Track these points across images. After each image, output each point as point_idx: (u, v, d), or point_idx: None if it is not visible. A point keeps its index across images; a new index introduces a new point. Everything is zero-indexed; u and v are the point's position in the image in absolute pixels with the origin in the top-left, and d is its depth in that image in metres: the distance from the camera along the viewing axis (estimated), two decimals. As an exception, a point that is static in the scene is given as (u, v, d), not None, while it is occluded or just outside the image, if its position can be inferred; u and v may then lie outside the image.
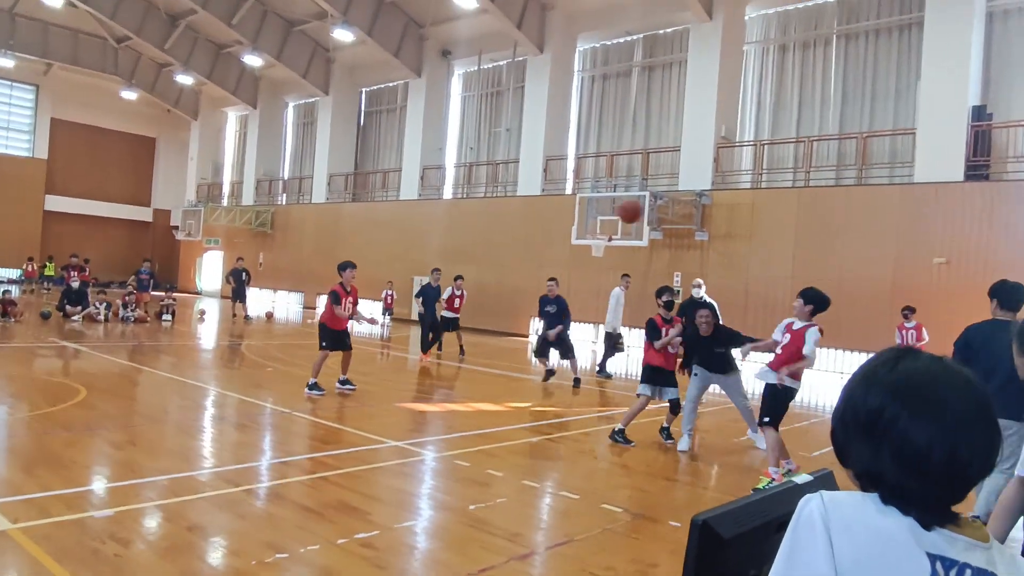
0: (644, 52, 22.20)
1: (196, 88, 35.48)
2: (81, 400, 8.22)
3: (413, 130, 26.86)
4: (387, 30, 25.47)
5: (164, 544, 4.27)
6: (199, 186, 36.95)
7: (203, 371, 11.90)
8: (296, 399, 9.27)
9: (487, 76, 26.00)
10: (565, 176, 22.98)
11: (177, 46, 30.56)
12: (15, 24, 30.97)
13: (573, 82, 23.44)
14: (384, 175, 29.00)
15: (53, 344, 13.37)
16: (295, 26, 28.50)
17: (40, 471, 5.46)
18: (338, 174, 30.10)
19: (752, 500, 1.51)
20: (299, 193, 32.40)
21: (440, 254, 25.07)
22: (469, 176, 26.03)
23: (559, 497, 5.84)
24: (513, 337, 21.61)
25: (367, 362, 13.89)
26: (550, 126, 22.73)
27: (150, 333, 16.43)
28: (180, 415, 8.30)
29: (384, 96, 29.92)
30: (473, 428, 8.12)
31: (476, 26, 24.72)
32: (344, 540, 4.46)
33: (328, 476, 5.86)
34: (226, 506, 5.01)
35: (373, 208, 28.10)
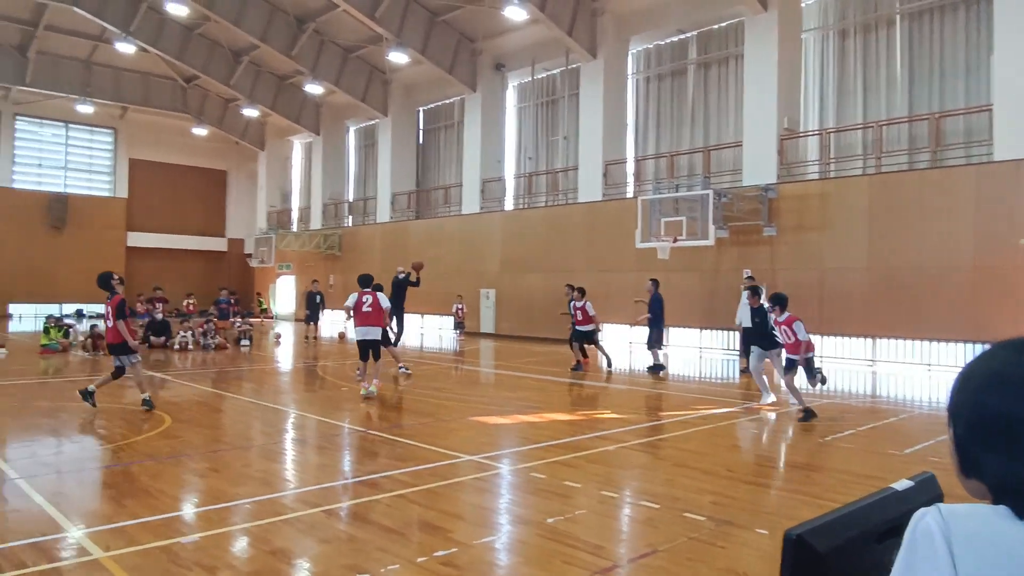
0: (698, 49, 21.81)
1: (261, 120, 36.71)
2: (166, 429, 8.50)
3: (471, 144, 27.08)
4: (440, 48, 25.79)
5: (249, 569, 4.33)
6: (269, 214, 38.15)
7: (282, 394, 12.19)
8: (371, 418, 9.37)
9: (541, 85, 26.02)
10: (625, 180, 22.73)
11: (241, 81, 31.71)
12: (92, 72, 32.76)
13: (628, 85, 23.22)
14: (445, 190, 29.31)
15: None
16: (351, 52, 29.17)
17: (128, 500, 5.64)
18: (401, 192, 30.58)
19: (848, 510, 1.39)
20: (364, 214, 33.06)
21: (505, 265, 25.15)
22: (529, 186, 26.05)
23: (639, 507, 5.69)
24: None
25: (440, 376, 13.98)
26: (607, 130, 22.55)
27: (230, 359, 16.96)
28: (261, 439, 8.49)
29: (441, 113, 30.29)
30: (547, 439, 8.02)
31: (527, 37, 24.80)
32: (424, 559, 4.43)
33: (406, 494, 5.86)
34: (308, 529, 5.06)
35: (437, 224, 28.42)
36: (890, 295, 16.11)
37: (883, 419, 9.83)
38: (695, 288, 19.03)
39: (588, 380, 13.76)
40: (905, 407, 11.17)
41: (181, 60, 30.44)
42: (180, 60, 30.45)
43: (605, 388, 12.98)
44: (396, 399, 11.06)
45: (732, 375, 14.81)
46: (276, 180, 38.73)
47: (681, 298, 18.94)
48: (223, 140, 38.58)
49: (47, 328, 18.04)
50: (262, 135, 38.08)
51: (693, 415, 9.83)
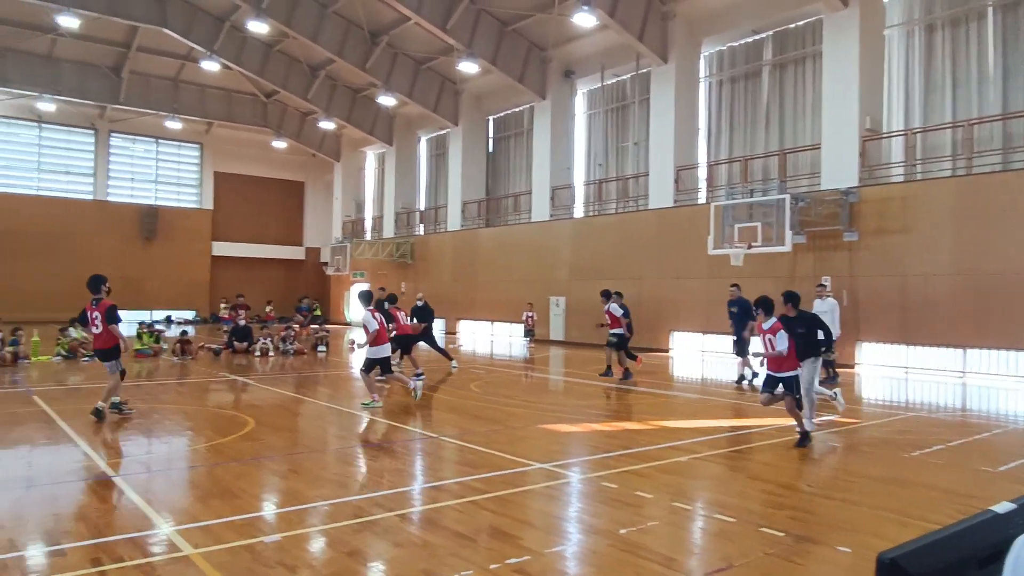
0: (774, 49, 21.31)
1: (337, 132, 37.83)
2: (248, 431, 8.83)
3: (541, 152, 27.17)
4: (510, 57, 26.02)
5: (327, 571, 4.46)
6: (344, 223, 39.20)
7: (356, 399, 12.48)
8: (443, 424, 9.50)
9: (611, 91, 25.90)
10: (697, 185, 22.38)
11: (318, 95, 32.76)
12: (179, 90, 34.46)
13: (700, 88, 22.88)
14: (515, 198, 29.49)
15: (223, 379, 14.51)
16: (423, 64, 29.73)
17: (214, 500, 5.89)
18: (471, 201, 30.93)
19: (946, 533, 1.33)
20: (435, 222, 33.58)
21: (574, 272, 25.10)
22: (599, 193, 25.94)
23: (713, 519, 5.59)
24: (655, 352, 21.14)
25: (510, 384, 14.05)
26: (679, 135, 22.26)
27: (308, 364, 17.48)
28: (337, 443, 8.72)
29: (511, 121, 30.51)
30: (618, 448, 7.97)
31: (597, 43, 24.75)
32: (496, 566, 4.47)
33: (478, 500, 5.93)
34: (382, 532, 5.18)
35: (507, 232, 28.61)
36: (980, 303, 15.33)
37: (974, 434, 9.35)
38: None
39: (659, 389, 13.58)
40: (999, 421, 10.60)
41: (262, 76, 31.68)
42: (261, 76, 31.69)
43: (677, 397, 12.79)
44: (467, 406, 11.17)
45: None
46: (351, 190, 39.77)
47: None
48: (301, 152, 39.91)
49: (140, 334, 19.02)
50: (337, 147, 39.20)
51: (769, 426, 9.58)
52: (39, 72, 31.07)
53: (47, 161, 34.75)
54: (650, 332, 22.05)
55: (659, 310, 21.84)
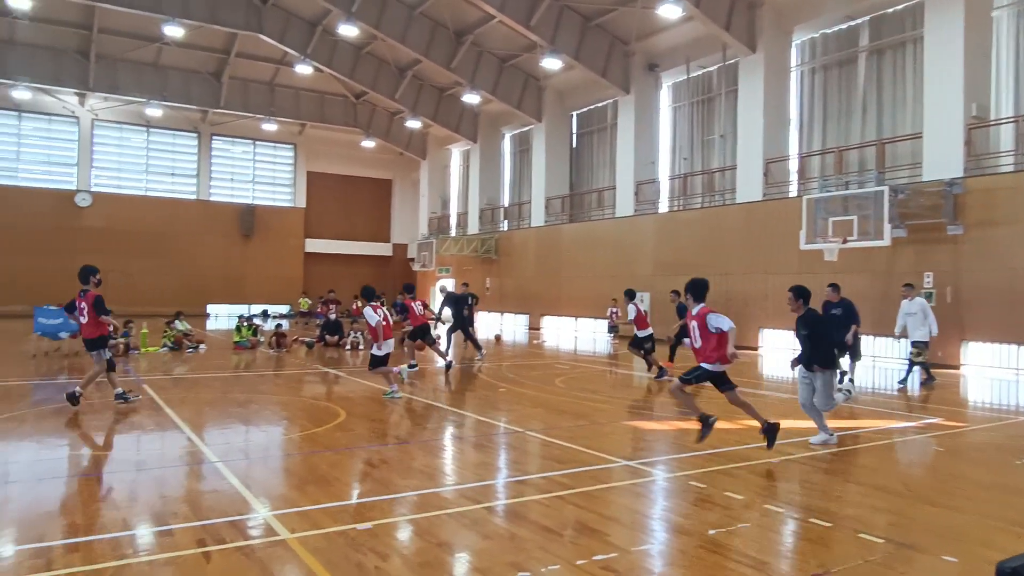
0: (871, 35, 20.34)
1: (423, 131, 38.55)
2: (341, 422, 9.13)
3: (624, 147, 26.88)
4: (593, 52, 25.84)
5: (417, 560, 4.57)
6: (430, 219, 39.92)
7: (441, 393, 12.71)
8: (528, 419, 9.54)
9: (697, 84, 25.35)
10: (788, 178, 21.63)
11: (405, 95, 33.46)
12: (275, 93, 35.88)
13: (790, 78, 22.09)
14: (599, 194, 29.30)
15: (316, 371, 15.04)
16: (507, 61, 29.91)
17: (310, 487, 6.13)
18: (555, 197, 30.91)
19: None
20: (519, 218, 33.75)
21: (659, 268, 24.73)
22: (684, 187, 25.46)
23: (808, 524, 5.40)
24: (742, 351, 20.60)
25: (595, 379, 13.99)
26: (768, 127, 21.57)
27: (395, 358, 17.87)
28: (424, 435, 8.91)
29: (594, 116, 30.31)
30: (707, 447, 7.81)
31: (682, 35, 24.27)
32: (583, 562, 4.47)
33: (564, 495, 5.94)
34: (470, 524, 5.26)
35: (590, 227, 28.46)
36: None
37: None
38: (866, 292, 17.70)
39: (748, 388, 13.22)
40: (1125, 428, 9.81)
41: (352, 78, 32.61)
42: (351, 78, 32.62)
43: (766, 397, 12.42)
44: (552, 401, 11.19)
45: (910, 386, 13.67)
46: (436, 187, 40.45)
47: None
48: (389, 151, 40.88)
49: (238, 327, 19.94)
50: (424, 145, 39.94)
51: (867, 428, 9.18)
52: (147, 79, 32.98)
53: (154, 163, 36.88)
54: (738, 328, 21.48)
55: (748, 306, 21.26)
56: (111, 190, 35.48)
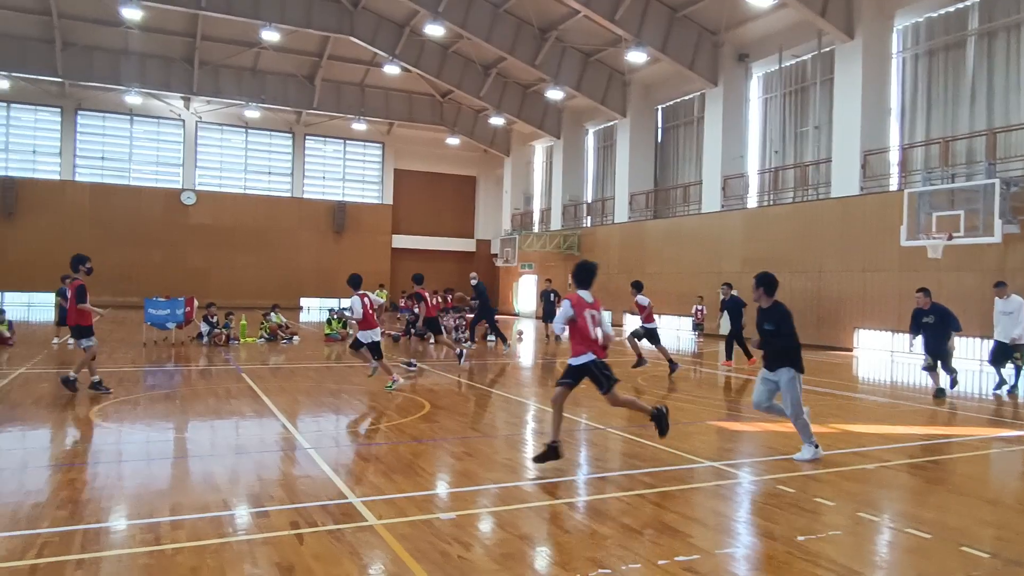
0: (981, 17, 19.12)
1: (507, 127, 38.81)
2: (425, 414, 9.34)
3: (712, 140, 26.28)
4: (680, 44, 25.36)
5: (500, 551, 4.64)
6: (513, 216, 40.17)
7: (524, 388, 12.80)
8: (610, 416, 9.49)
9: (789, 73, 24.49)
10: (888, 171, 20.63)
11: (490, 92, 33.77)
12: (365, 94, 36.90)
13: (891, 65, 21.04)
14: (685, 189, 28.76)
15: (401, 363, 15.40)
16: (591, 56, 29.74)
17: (396, 475, 6.31)
18: (639, 192, 30.55)
19: None
20: (602, 214, 33.52)
21: (747, 265, 24.09)
22: (775, 181, 24.66)
23: (905, 534, 5.17)
24: (835, 352, 19.83)
25: (678, 378, 13.78)
26: (866, 117, 20.63)
27: (478, 353, 18.14)
28: (507, 429, 9.01)
29: (680, 110, 29.75)
30: (796, 451, 7.57)
31: (774, 23, 23.51)
32: (665, 562, 4.44)
33: (645, 494, 5.89)
34: (551, 518, 5.30)
35: (675, 223, 27.98)
36: None
37: None
38: (973, 291, 16.71)
39: (841, 390, 12.72)
40: None
41: (439, 77, 33.17)
42: (438, 77, 33.19)
43: (862, 400, 11.92)
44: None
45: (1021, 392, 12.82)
46: (520, 184, 40.65)
47: (956, 302, 16.75)
48: (473, 148, 41.38)
49: (329, 320, 20.67)
50: (508, 142, 40.20)
51: (972, 436, 8.69)
52: (247, 83, 34.55)
53: (252, 163, 38.66)
54: (831, 329, 20.71)
55: (842, 305, 20.44)
56: (213, 188, 37.41)
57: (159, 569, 4.21)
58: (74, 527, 4.88)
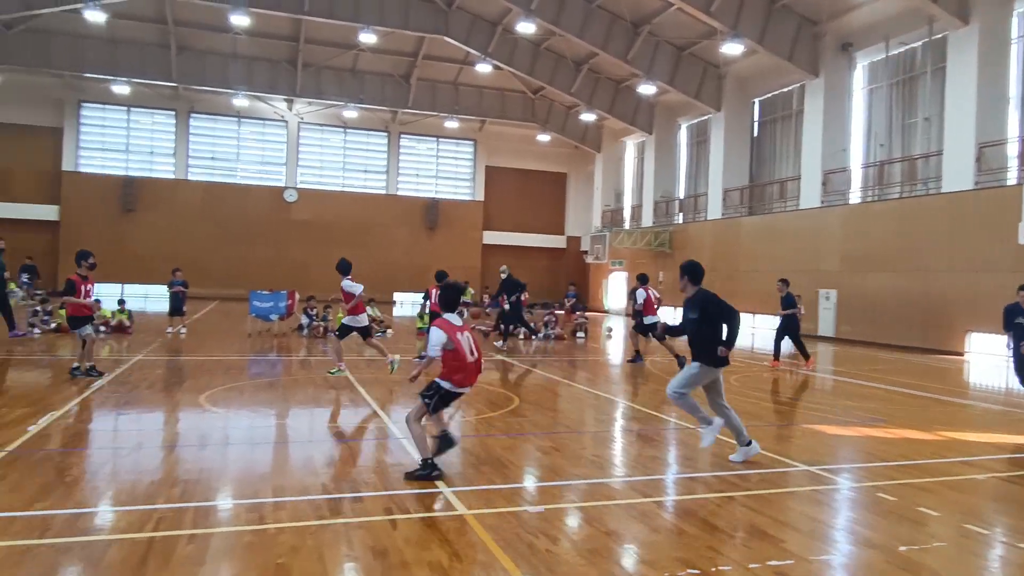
0: (1119, -4, 17.61)
1: (598, 123, 38.57)
2: (514, 408, 9.46)
3: (812, 134, 25.28)
4: (778, 35, 24.53)
5: (586, 546, 4.67)
6: (604, 212, 39.92)
7: (613, 385, 12.74)
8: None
9: (896, 63, 23.27)
10: (1005, 164, 19.30)
11: (582, 88, 33.65)
12: (458, 92, 37.48)
13: (1011, 51, 19.66)
14: (782, 185, 27.82)
15: (490, 358, 15.60)
16: (684, 50, 29.17)
17: (485, 467, 6.43)
18: (733, 188, 29.76)
19: None
20: (695, 211, 32.85)
21: (846, 263, 23.12)
22: (879, 176, 23.51)
23: (1018, 549, 4.88)
24: (944, 356, 18.75)
25: (773, 379, 13.39)
26: (982, 107, 19.37)
27: (567, 349, 18.17)
28: (595, 425, 9.01)
29: (778, 103, 28.77)
30: (898, 458, 7.25)
31: (880, 10, 22.41)
32: (756, 565, 4.36)
33: (735, 496, 5.79)
34: (639, 516, 5.28)
35: (771, 220, 27.11)
36: None
37: None
38: None
39: (950, 396, 12.03)
40: None
41: (531, 74, 33.32)
42: (530, 75, 33.34)
43: (972, 407, 11.25)
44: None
45: None
46: (611, 180, 40.35)
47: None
48: (564, 145, 41.34)
49: (421, 314, 21.13)
50: (599, 138, 39.96)
51: (1097, 449, 8.06)
52: (346, 84, 35.73)
53: (350, 161, 40.00)
54: (938, 332, 19.59)
55: (951, 307, 19.30)
56: (314, 186, 38.93)
57: (262, 547, 4.47)
58: (186, 504, 5.23)
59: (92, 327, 11.10)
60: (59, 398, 9.08)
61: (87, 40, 31.71)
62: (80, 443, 7.18)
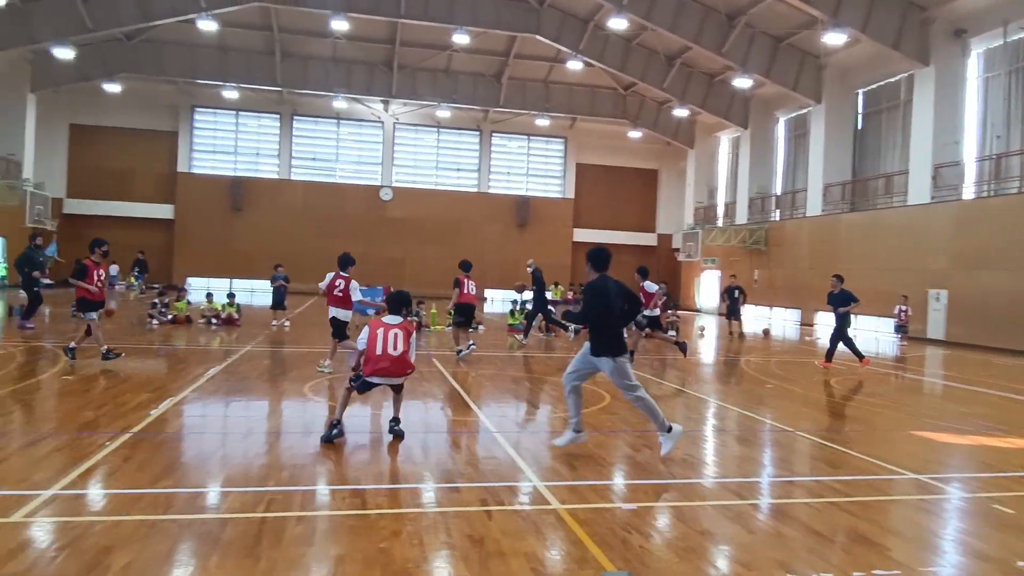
0: None
1: (691, 119, 37.82)
2: (606, 405, 9.46)
3: (921, 126, 23.98)
4: (884, 22, 23.39)
5: (680, 544, 4.65)
6: (696, 209, 39.12)
7: (705, 384, 12.53)
8: (797, 417, 9.07)
9: (1016, 49, 21.77)
10: None
11: (674, 83, 33.10)
12: (549, 90, 37.56)
13: None
14: (887, 179, 26.51)
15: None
16: (782, 41, 28.23)
17: (577, 462, 6.48)
18: (834, 184, 28.58)
19: None
20: (792, 207, 31.75)
21: (957, 262, 21.84)
22: (996, 169, 22.06)
23: None
24: (1070, 361, 17.45)
25: (879, 382, 12.85)
26: (1118, 94, 17.88)
27: (657, 348, 17.95)
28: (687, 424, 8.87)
29: (883, 94, 27.41)
30: (1018, 468, 6.84)
31: (1000, -7, 21.02)
32: (860, 573, 4.23)
33: (837, 502, 5.61)
34: (734, 517, 5.21)
35: (875, 216, 25.90)
36: None
37: None
38: None
39: (1077, 405, 11.19)
40: None
41: (622, 70, 33.03)
42: (621, 71, 33.06)
43: (1103, 417, 10.43)
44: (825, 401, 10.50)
45: None
46: (703, 176, 39.49)
47: None
48: (655, 141, 40.75)
49: (512, 311, 21.35)
50: (691, 134, 39.18)
51: None
52: (440, 85, 36.45)
53: (443, 160, 40.81)
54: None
55: (1080, 310, 17.94)
56: (408, 185, 39.94)
57: (365, 530, 4.67)
58: (293, 488, 5.53)
59: (96, 313, 11.32)
60: (175, 385, 9.72)
61: (200, 48, 33.64)
62: (196, 428, 7.68)
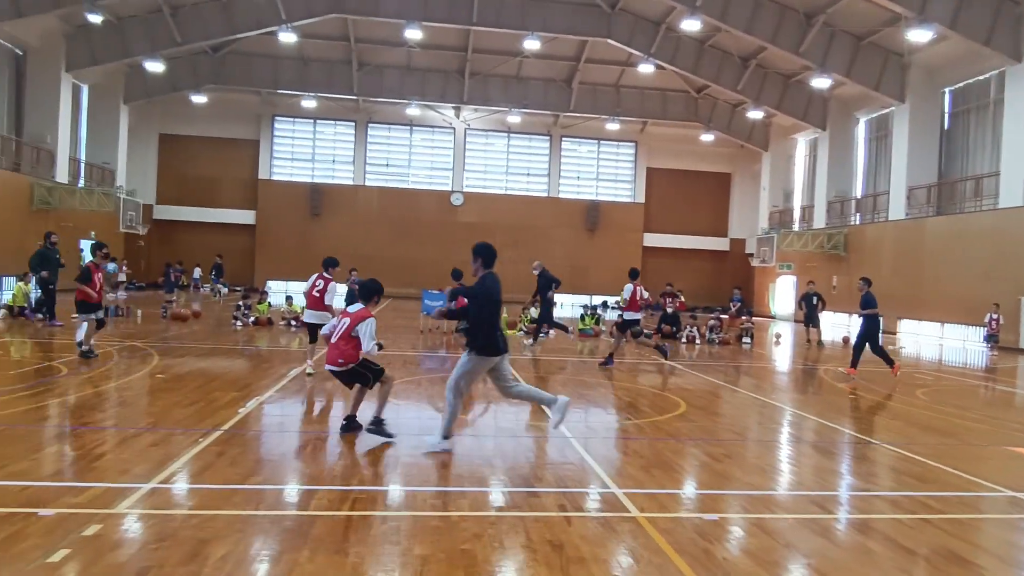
0: None
1: (766, 121, 36.97)
2: (681, 413, 9.38)
3: (1014, 125, 22.82)
4: (973, 18, 22.39)
5: (764, 557, 4.59)
6: (771, 213, 38.18)
7: (781, 393, 12.26)
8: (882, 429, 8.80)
9: (1126, 41, 20.48)
10: None
11: (748, 85, 32.44)
12: (619, 94, 37.38)
13: None
14: (977, 182, 25.32)
15: (654, 362, 15.50)
16: (863, 39, 27.33)
17: (655, 471, 6.46)
18: (918, 186, 27.47)
19: None
20: (874, 211, 30.66)
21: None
22: (1101, 170, 20.80)
23: None
24: None
25: (967, 394, 12.33)
26: None
27: (732, 355, 17.65)
28: (765, 434, 8.75)
29: (972, 92, 26.20)
30: (1123, 489, 6.47)
31: (1106, -17, 19.83)
32: (952, 591, 4.11)
33: (929, 518, 5.44)
34: (818, 530, 5.11)
35: (963, 221, 24.78)
36: None
37: None
38: None
39: None
40: None
41: (695, 73, 32.59)
42: (694, 73, 32.62)
43: None
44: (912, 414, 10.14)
45: None
46: (779, 180, 38.51)
47: None
48: (728, 144, 39.99)
49: (583, 316, 21.36)
50: (766, 136, 38.29)
51: None
52: (511, 90, 36.76)
53: (513, 165, 41.13)
54: None
55: None
56: (478, 190, 40.41)
57: (447, 531, 4.80)
58: (377, 488, 5.71)
59: (96, 314, 11.64)
60: (261, 384, 10.13)
61: (281, 60, 34.90)
62: (282, 426, 8.00)
